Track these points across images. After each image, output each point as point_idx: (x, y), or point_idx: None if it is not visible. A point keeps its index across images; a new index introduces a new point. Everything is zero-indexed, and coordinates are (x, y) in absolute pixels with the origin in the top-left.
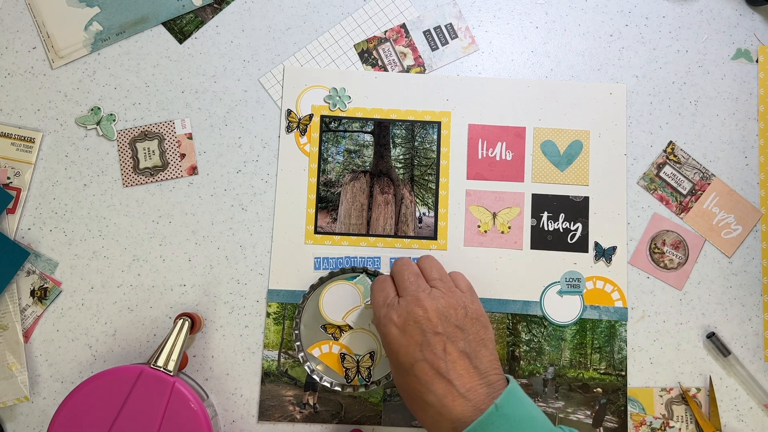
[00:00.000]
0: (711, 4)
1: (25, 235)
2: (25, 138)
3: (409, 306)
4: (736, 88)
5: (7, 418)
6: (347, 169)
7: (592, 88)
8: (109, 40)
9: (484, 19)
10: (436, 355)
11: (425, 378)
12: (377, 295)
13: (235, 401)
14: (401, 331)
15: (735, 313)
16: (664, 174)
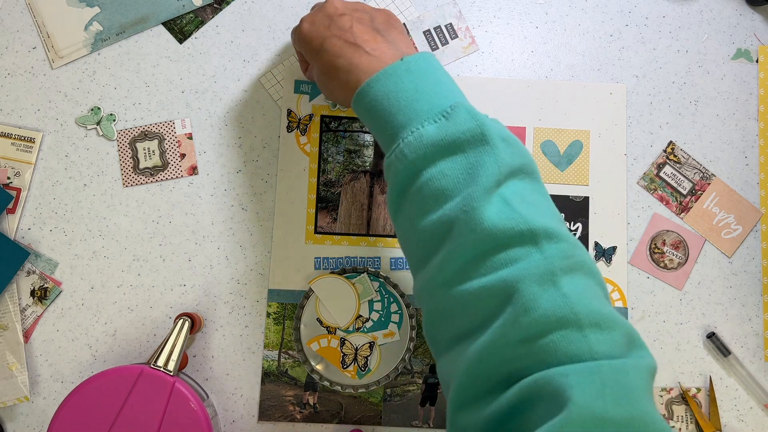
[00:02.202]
0: (711, 4)
1: (25, 235)
2: (25, 138)
3: (320, 6)
4: (736, 88)
5: (7, 418)
6: (347, 169)
7: (592, 88)
8: (109, 40)
9: (484, 19)
10: (344, 29)
11: (335, 48)
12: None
13: (235, 401)
14: (311, 24)
15: (735, 313)
16: (664, 174)
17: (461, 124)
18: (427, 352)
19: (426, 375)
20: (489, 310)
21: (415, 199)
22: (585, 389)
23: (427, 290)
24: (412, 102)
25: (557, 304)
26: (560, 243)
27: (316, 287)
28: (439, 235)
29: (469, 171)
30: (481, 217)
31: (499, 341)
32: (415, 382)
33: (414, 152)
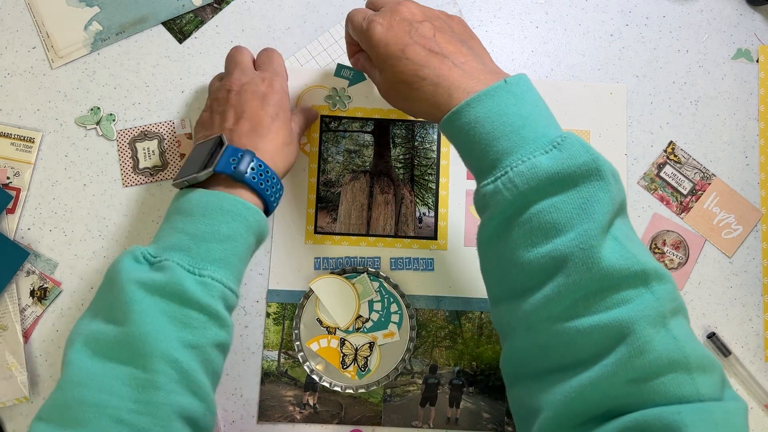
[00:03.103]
0: (711, 4)
1: (25, 235)
2: (24, 138)
3: (392, 8)
4: (736, 88)
5: (7, 418)
6: (347, 169)
7: (593, 87)
8: (109, 39)
9: (484, 18)
10: (427, 38)
11: (418, 57)
12: (355, 17)
13: (235, 401)
14: (387, 28)
15: (735, 314)
16: (665, 174)
17: (576, 157)
18: (427, 352)
19: (426, 375)
20: (599, 348)
21: (520, 230)
22: (700, 427)
23: (524, 322)
24: (519, 128)
25: (670, 348)
26: (667, 284)
27: (316, 287)
28: (548, 269)
29: (583, 206)
30: (600, 256)
31: (607, 379)
32: (415, 383)
33: (526, 183)
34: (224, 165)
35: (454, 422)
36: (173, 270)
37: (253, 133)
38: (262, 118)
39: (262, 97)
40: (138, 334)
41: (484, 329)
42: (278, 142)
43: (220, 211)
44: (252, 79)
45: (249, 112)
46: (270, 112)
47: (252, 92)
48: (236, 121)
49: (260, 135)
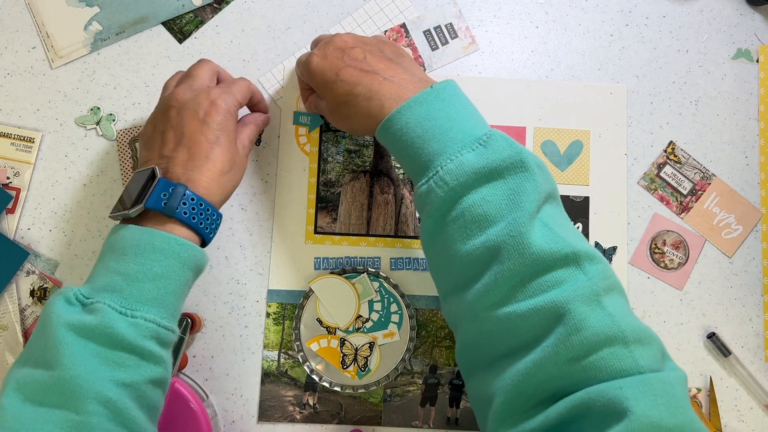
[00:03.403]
0: (711, 4)
1: (25, 235)
2: (24, 138)
3: (327, 40)
4: (736, 88)
5: None
6: (347, 169)
7: (593, 87)
8: (108, 39)
9: (484, 18)
10: (358, 60)
11: (351, 78)
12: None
13: (235, 401)
14: (322, 57)
15: (735, 314)
16: (665, 174)
17: (501, 151)
18: (427, 352)
19: (426, 375)
20: (538, 330)
21: (454, 225)
22: (641, 400)
23: (470, 312)
24: (446, 130)
25: (605, 323)
26: (599, 264)
27: (316, 287)
28: (484, 259)
29: (510, 197)
30: (529, 241)
31: (549, 359)
32: (415, 383)
33: (455, 179)
34: (155, 201)
35: (454, 422)
36: (105, 312)
37: (189, 163)
38: (200, 144)
39: (203, 118)
40: (69, 377)
41: None
42: (215, 171)
43: (152, 250)
44: (196, 96)
45: (187, 137)
46: (209, 137)
47: (192, 112)
48: (175, 146)
49: (196, 165)
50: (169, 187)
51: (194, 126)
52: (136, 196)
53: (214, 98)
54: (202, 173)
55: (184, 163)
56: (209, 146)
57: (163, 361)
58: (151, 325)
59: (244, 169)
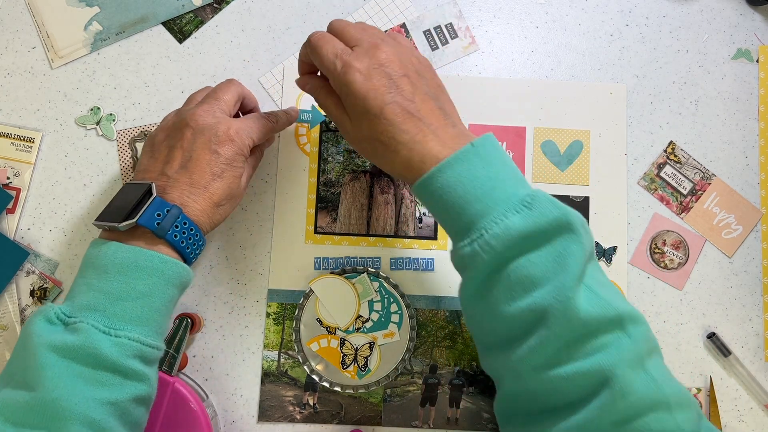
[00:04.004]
0: (711, 4)
1: (25, 235)
2: (24, 138)
3: (369, 52)
4: (736, 88)
5: None
6: (347, 169)
7: (593, 87)
8: (108, 39)
9: (484, 18)
10: (405, 97)
11: (397, 119)
12: (324, 48)
13: (235, 401)
14: (366, 78)
15: (735, 314)
16: (665, 174)
17: (547, 214)
18: (427, 352)
19: (426, 375)
20: (583, 392)
21: (500, 286)
22: None
23: (513, 371)
24: (489, 190)
25: (651, 389)
26: (642, 326)
27: (316, 287)
28: (530, 321)
29: (557, 260)
30: (576, 306)
31: (594, 422)
32: (415, 383)
33: (502, 244)
34: (147, 219)
35: (454, 422)
36: (88, 332)
37: (188, 189)
38: (204, 174)
39: (215, 149)
40: (51, 399)
41: None
42: (212, 202)
43: (135, 268)
44: (216, 124)
45: (194, 163)
46: (215, 170)
47: (207, 140)
48: (179, 168)
49: (195, 193)
50: (164, 207)
51: (204, 155)
52: (128, 210)
53: (231, 132)
54: (197, 200)
55: (183, 187)
56: (212, 178)
57: (147, 379)
58: (135, 344)
59: (239, 201)
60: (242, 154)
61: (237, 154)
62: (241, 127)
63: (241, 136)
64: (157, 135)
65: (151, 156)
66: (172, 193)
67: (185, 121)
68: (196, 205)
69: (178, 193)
